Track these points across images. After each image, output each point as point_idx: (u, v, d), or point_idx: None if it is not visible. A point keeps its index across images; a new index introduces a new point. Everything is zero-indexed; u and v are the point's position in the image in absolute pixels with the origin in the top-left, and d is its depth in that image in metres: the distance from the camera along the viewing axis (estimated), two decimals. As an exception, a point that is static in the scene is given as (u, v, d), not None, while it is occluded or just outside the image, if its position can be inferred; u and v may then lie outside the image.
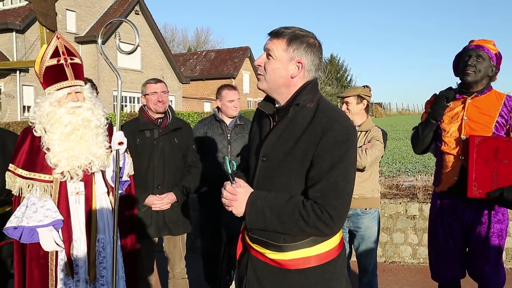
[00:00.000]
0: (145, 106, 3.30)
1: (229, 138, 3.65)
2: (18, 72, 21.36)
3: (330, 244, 1.76)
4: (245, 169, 2.01)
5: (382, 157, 3.51)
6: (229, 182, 1.76)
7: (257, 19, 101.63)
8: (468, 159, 2.61)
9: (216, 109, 3.78)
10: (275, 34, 1.72)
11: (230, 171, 1.74)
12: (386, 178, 6.27)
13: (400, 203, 4.96)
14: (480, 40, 2.75)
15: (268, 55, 1.72)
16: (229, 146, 3.63)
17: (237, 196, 1.70)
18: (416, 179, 5.80)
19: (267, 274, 1.78)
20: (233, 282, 2.05)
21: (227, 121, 3.69)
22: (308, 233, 1.66)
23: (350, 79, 50.73)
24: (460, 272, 2.88)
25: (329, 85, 46.21)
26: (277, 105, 1.79)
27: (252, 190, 1.72)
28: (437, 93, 2.88)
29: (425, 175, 6.31)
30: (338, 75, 50.07)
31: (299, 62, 1.70)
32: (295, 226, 1.63)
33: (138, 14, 27.32)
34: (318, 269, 1.73)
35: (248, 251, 1.88)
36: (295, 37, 1.69)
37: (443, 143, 2.80)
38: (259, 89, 1.80)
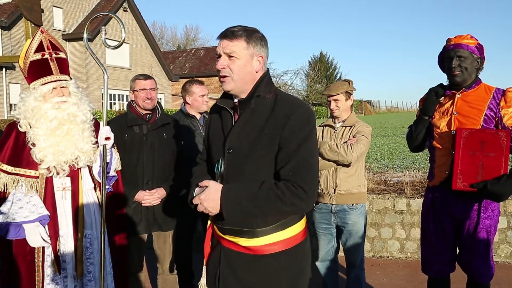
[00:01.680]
0: (133, 102, 3.28)
1: (202, 134, 3.63)
2: (4, 69, 21.11)
3: (297, 228, 1.88)
4: (202, 165, 2.08)
5: (368, 152, 3.53)
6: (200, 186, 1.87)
7: (246, 17, 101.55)
8: (454, 158, 2.62)
9: (183, 105, 3.75)
10: (230, 36, 1.80)
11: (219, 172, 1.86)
12: (374, 174, 6.30)
13: (388, 198, 5.00)
14: (456, 37, 2.75)
15: (230, 56, 1.80)
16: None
17: (201, 200, 1.78)
18: (404, 175, 5.84)
19: (241, 263, 1.86)
20: (202, 279, 2.08)
21: (198, 116, 3.68)
22: (285, 212, 1.76)
23: (340, 76, 50.90)
24: (450, 266, 2.90)
25: (318, 83, 46.40)
26: (238, 99, 1.88)
27: (221, 185, 1.79)
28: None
29: (413, 171, 6.36)
30: (328, 73, 50.24)
31: (260, 56, 1.84)
32: (273, 207, 1.72)
33: (126, 11, 27.12)
34: (289, 252, 1.84)
35: (219, 244, 1.94)
36: (249, 34, 1.81)
37: (434, 139, 2.83)
38: (226, 90, 1.87)
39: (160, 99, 29.72)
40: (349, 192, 3.27)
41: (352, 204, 3.29)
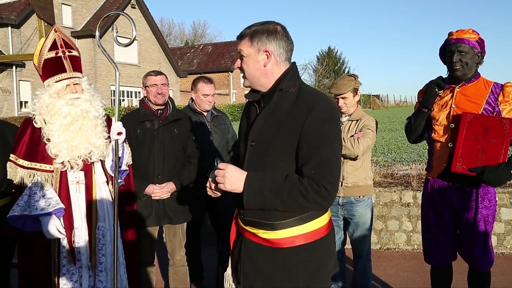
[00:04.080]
0: (146, 98, 3.37)
1: (209, 129, 3.71)
2: (14, 67, 21.32)
3: (320, 223, 1.87)
4: (234, 159, 2.14)
5: (375, 145, 3.57)
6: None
7: (254, 13, 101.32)
8: (456, 142, 2.68)
9: (190, 100, 3.81)
10: (240, 37, 1.88)
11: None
12: (381, 167, 6.34)
13: (395, 191, 5.04)
14: (458, 31, 2.78)
15: (241, 56, 1.87)
16: (210, 138, 3.69)
17: (225, 172, 1.79)
18: (411, 168, 5.87)
19: (260, 254, 1.87)
20: (228, 269, 2.11)
21: (205, 112, 3.75)
22: (306, 208, 1.77)
23: (348, 71, 50.64)
24: (451, 255, 2.97)
25: (326, 78, 46.20)
26: (261, 92, 1.90)
27: (246, 172, 1.80)
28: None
29: (420, 164, 6.39)
30: (336, 67, 50.01)
31: (265, 51, 1.84)
32: (295, 202, 1.73)
33: (134, 7, 27.22)
34: (309, 247, 1.84)
35: (241, 235, 1.96)
36: (255, 31, 1.84)
37: (433, 131, 2.88)
38: (245, 86, 1.94)
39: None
40: (356, 184, 3.33)
41: (359, 197, 3.35)
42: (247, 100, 2.02)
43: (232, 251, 2.05)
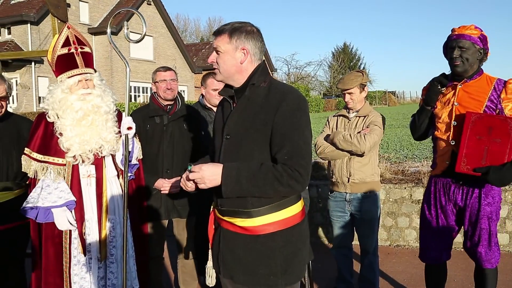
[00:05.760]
0: (155, 93, 3.42)
1: None
2: (33, 63, 21.72)
3: (294, 210, 1.97)
4: (210, 154, 2.21)
5: (387, 142, 3.56)
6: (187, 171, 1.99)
7: (268, 9, 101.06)
8: (459, 142, 2.68)
9: (201, 97, 3.85)
10: (217, 33, 1.97)
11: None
12: (392, 164, 6.32)
13: (405, 188, 5.03)
14: (460, 27, 2.77)
15: (217, 51, 1.95)
16: None
17: (201, 173, 1.88)
18: (422, 165, 5.84)
19: (238, 242, 1.96)
20: (208, 262, 2.18)
21: (215, 108, 3.78)
22: (282, 192, 1.86)
23: (363, 67, 50.33)
24: (445, 254, 2.98)
25: (342, 74, 45.99)
26: (234, 88, 2.00)
27: (221, 164, 1.90)
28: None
29: (431, 161, 6.35)
30: (351, 63, 49.75)
31: (243, 49, 1.94)
32: (271, 188, 1.84)
33: (150, 4, 27.42)
34: (284, 233, 1.93)
35: (219, 226, 2.05)
36: (234, 29, 1.92)
37: (436, 129, 2.88)
38: (217, 81, 2.05)
39: (183, 91, 30.02)
40: (363, 181, 3.34)
41: (366, 193, 3.37)
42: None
43: (211, 244, 2.13)
